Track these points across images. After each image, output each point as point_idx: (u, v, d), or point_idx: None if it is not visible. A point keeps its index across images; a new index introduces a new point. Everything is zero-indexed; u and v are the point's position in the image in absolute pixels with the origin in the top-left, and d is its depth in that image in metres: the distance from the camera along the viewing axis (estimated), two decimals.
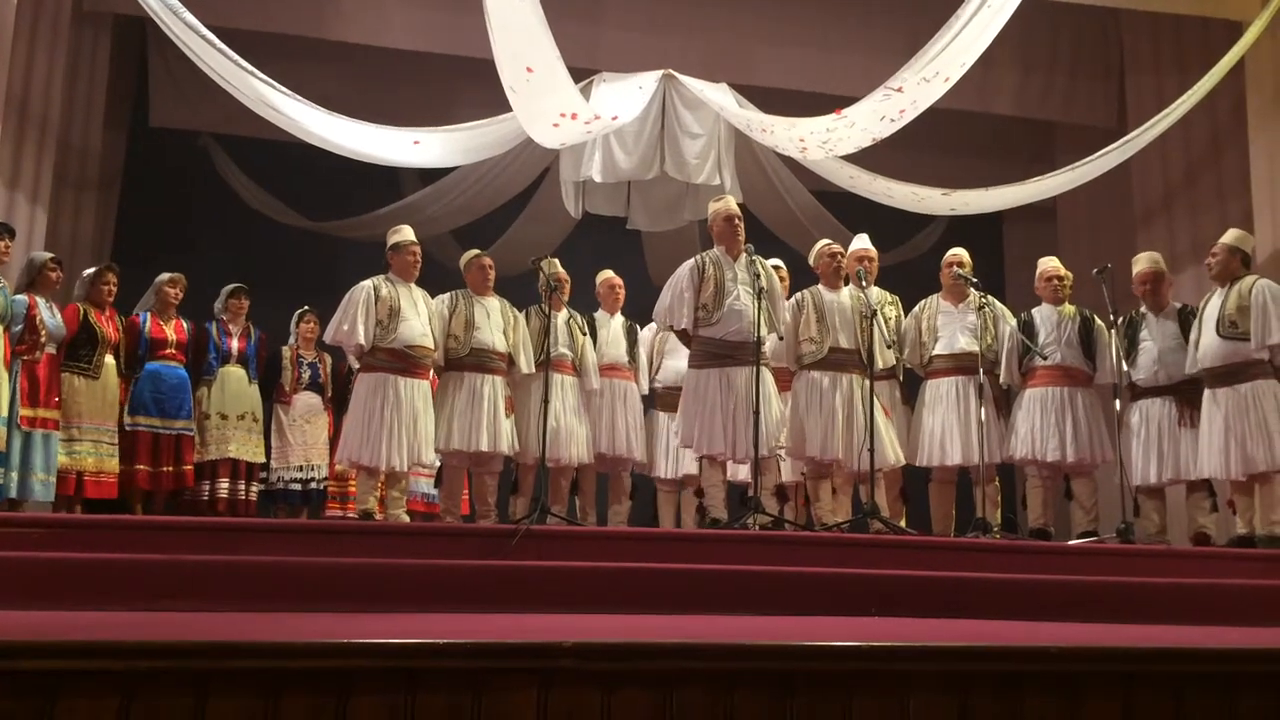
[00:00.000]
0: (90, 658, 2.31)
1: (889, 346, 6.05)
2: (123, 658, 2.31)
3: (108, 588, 3.79)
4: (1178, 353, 5.90)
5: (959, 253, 6.45)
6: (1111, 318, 5.95)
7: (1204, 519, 5.85)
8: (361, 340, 5.68)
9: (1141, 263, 6.17)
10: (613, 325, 6.66)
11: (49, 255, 6.22)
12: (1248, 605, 4.44)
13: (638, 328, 6.75)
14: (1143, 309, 6.12)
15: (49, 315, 5.92)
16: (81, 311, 6.18)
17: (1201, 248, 6.38)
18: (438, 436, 5.81)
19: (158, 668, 2.32)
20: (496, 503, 6.14)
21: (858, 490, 6.03)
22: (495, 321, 6.02)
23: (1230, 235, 5.93)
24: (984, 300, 6.21)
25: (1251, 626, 4.12)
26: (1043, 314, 6.23)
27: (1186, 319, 5.95)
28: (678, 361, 6.38)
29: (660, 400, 6.77)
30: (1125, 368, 5.93)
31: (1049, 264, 6.39)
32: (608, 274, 6.84)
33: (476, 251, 6.32)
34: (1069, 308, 6.22)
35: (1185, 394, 5.88)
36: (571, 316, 6.36)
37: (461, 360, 5.92)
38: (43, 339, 5.84)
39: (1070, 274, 6.35)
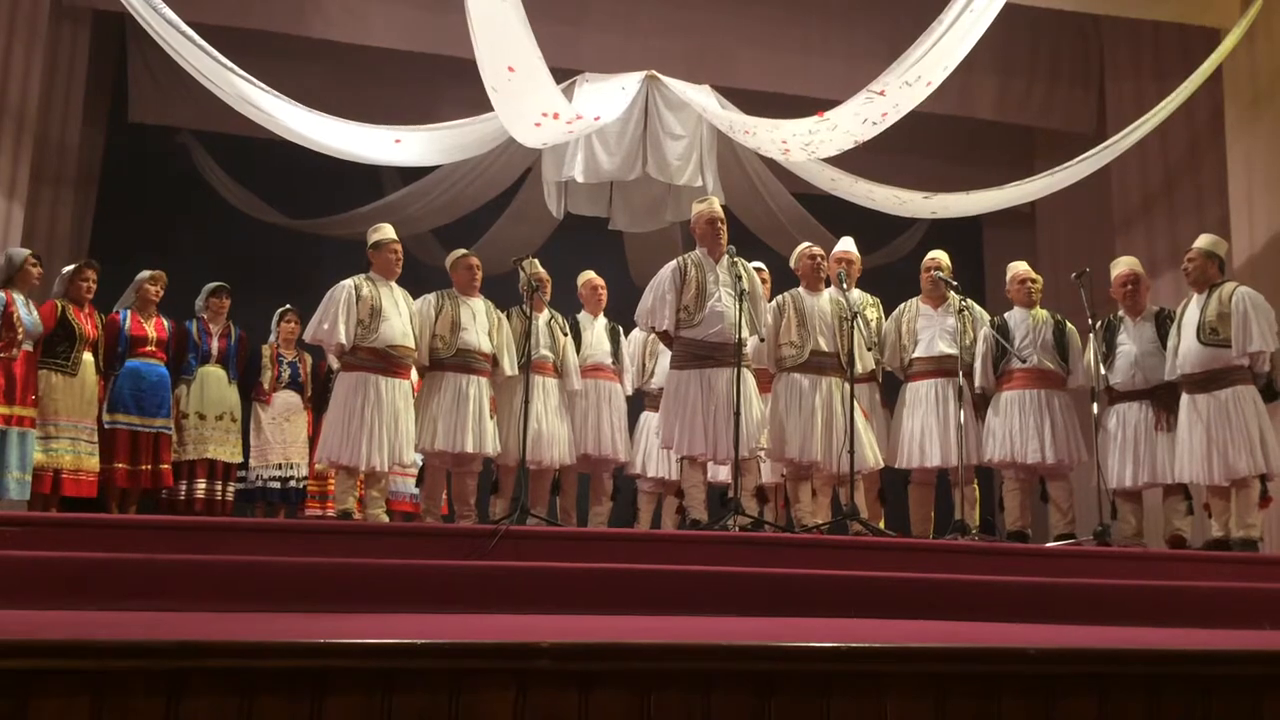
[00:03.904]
0: (62, 657, 2.28)
1: (870, 349, 6.07)
2: (95, 657, 2.29)
3: (82, 587, 3.76)
4: (1155, 357, 5.94)
5: (938, 256, 6.49)
6: (1090, 321, 5.99)
7: (1180, 522, 5.90)
8: (342, 340, 5.65)
9: (1120, 266, 6.22)
10: (596, 327, 6.66)
11: (28, 252, 6.17)
12: (1222, 607, 4.47)
13: (620, 329, 6.75)
14: (1120, 313, 6.16)
15: (25, 312, 5.87)
16: (59, 308, 6.13)
17: (1179, 253, 6.43)
18: (422, 436, 5.79)
19: (130, 667, 2.29)
20: (476, 503, 6.13)
21: (837, 492, 6.05)
22: (481, 323, 6.01)
23: (1204, 240, 5.97)
24: (963, 304, 6.24)
25: (1226, 628, 4.15)
26: (1016, 317, 6.26)
27: (1164, 323, 5.99)
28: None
29: (653, 401, 6.76)
30: (1103, 371, 5.97)
31: (1019, 268, 6.44)
32: (589, 275, 6.83)
33: (463, 251, 6.29)
34: (1041, 311, 6.26)
35: (1162, 398, 5.92)
36: (553, 317, 6.34)
37: (446, 361, 5.89)
38: (19, 336, 5.79)
39: (1040, 277, 6.38)
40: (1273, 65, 7.28)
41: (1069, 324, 6.21)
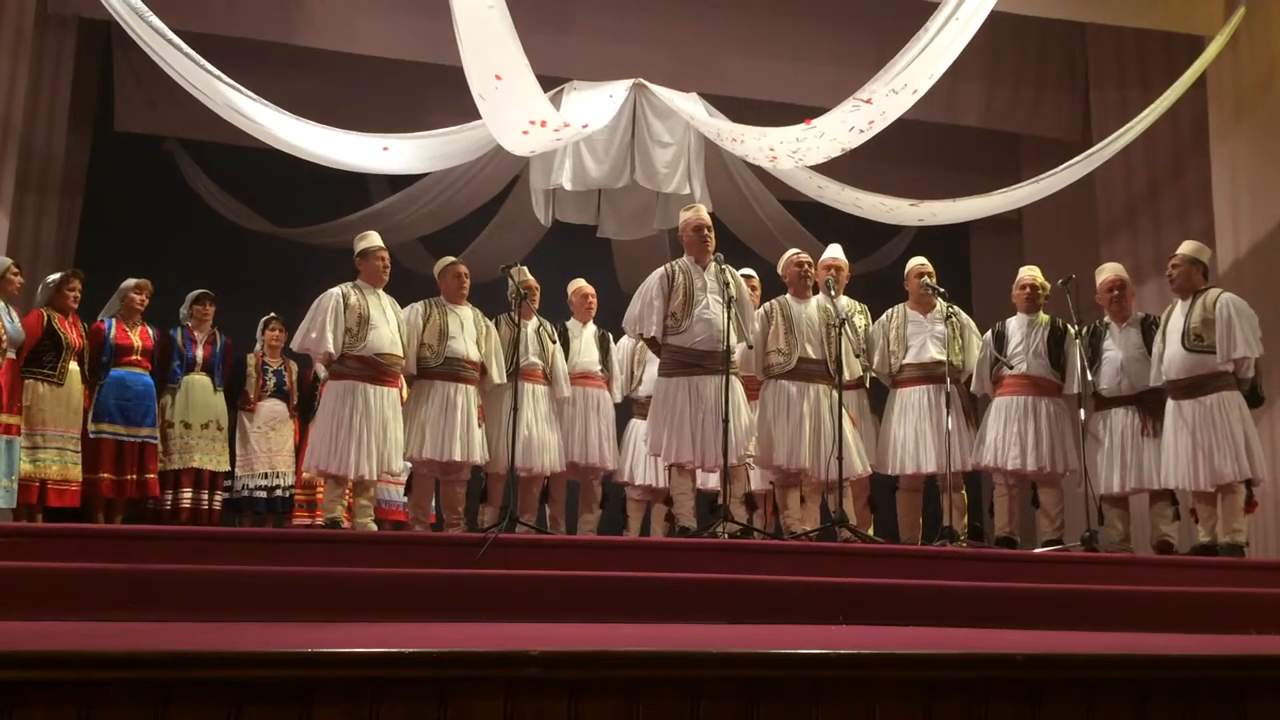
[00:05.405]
0: (47, 668, 2.27)
1: (857, 355, 6.08)
2: (81, 667, 2.28)
3: (67, 597, 3.74)
4: (1141, 362, 5.97)
5: (925, 262, 6.50)
6: (1075, 327, 6.01)
7: (1167, 527, 5.92)
8: (330, 348, 5.62)
9: (1107, 272, 6.24)
10: (585, 334, 6.67)
11: (9, 261, 6.13)
12: (1209, 612, 4.49)
13: (610, 337, 6.76)
14: (1106, 319, 6.18)
15: (8, 321, 5.84)
16: (45, 317, 6.09)
17: (1164, 260, 6.46)
18: (410, 445, 5.78)
19: (117, 677, 2.28)
20: (465, 511, 6.11)
21: (826, 499, 6.06)
22: (469, 331, 6.00)
23: (1188, 246, 6.00)
24: (951, 310, 6.26)
25: (1212, 633, 4.18)
26: (1015, 323, 6.27)
27: (1149, 329, 6.02)
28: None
29: (641, 409, 6.76)
30: (1089, 377, 5.99)
31: (1026, 273, 6.42)
32: (580, 283, 6.84)
33: (451, 259, 6.29)
34: (1043, 317, 6.26)
35: (1148, 404, 5.95)
36: (541, 325, 6.35)
37: (434, 369, 5.88)
38: (3, 345, 5.75)
39: (1048, 284, 6.36)
40: (1256, 72, 7.34)
41: (1070, 329, 6.15)
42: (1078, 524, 5.88)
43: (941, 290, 6.25)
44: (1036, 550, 5.87)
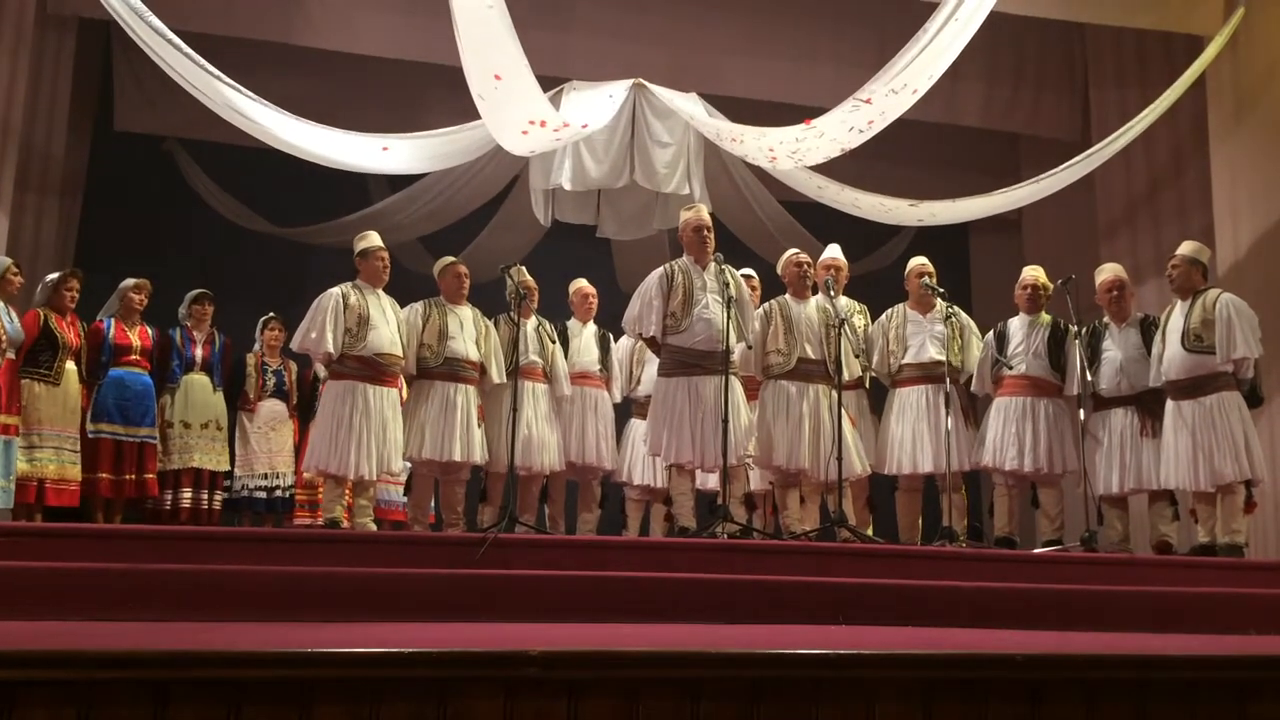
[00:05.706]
0: (46, 667, 2.27)
1: (857, 355, 6.08)
2: (80, 667, 2.28)
3: (67, 597, 3.73)
4: (1140, 363, 5.97)
5: (926, 262, 6.50)
6: (1075, 328, 6.01)
7: (1166, 528, 5.92)
8: (330, 348, 5.62)
9: (1106, 272, 6.24)
10: (585, 334, 6.67)
11: (9, 260, 6.13)
12: (1209, 612, 4.49)
13: (610, 336, 6.76)
14: (1105, 319, 6.18)
15: (8, 321, 5.84)
16: (42, 317, 6.09)
17: (1164, 260, 6.46)
18: (410, 445, 5.78)
19: (117, 677, 2.28)
20: (464, 511, 6.11)
21: (825, 499, 6.06)
22: (469, 331, 6.00)
23: (1188, 247, 6.00)
24: (950, 310, 6.26)
25: (1212, 633, 4.18)
26: (1016, 323, 6.27)
27: (1149, 329, 6.02)
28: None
29: (641, 409, 6.76)
30: (1089, 377, 5.99)
31: (1028, 273, 6.40)
32: (581, 283, 6.84)
33: (451, 259, 6.29)
34: (1045, 317, 6.25)
35: (1147, 404, 5.95)
36: (540, 324, 6.36)
37: (434, 369, 5.88)
38: (3, 345, 5.75)
39: (1050, 285, 6.34)
40: (1255, 73, 7.34)
41: (1071, 329, 6.11)
42: (1077, 524, 5.88)
43: (941, 290, 6.25)
44: (1036, 550, 5.87)
